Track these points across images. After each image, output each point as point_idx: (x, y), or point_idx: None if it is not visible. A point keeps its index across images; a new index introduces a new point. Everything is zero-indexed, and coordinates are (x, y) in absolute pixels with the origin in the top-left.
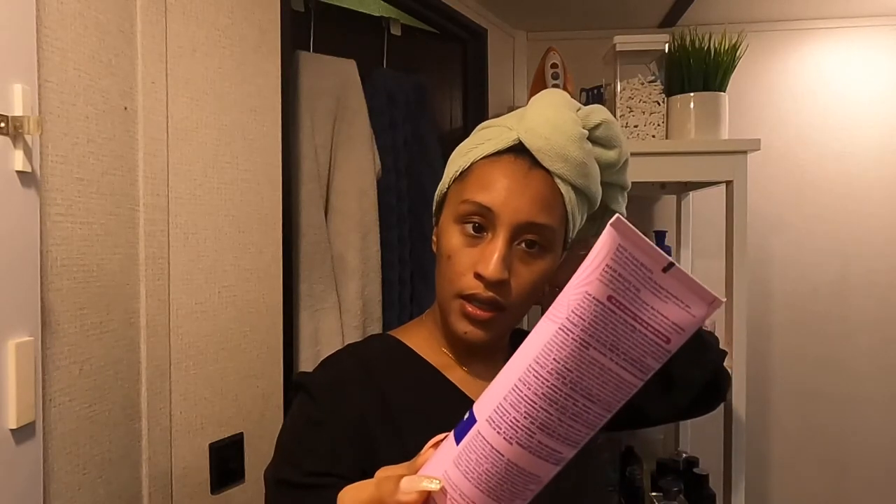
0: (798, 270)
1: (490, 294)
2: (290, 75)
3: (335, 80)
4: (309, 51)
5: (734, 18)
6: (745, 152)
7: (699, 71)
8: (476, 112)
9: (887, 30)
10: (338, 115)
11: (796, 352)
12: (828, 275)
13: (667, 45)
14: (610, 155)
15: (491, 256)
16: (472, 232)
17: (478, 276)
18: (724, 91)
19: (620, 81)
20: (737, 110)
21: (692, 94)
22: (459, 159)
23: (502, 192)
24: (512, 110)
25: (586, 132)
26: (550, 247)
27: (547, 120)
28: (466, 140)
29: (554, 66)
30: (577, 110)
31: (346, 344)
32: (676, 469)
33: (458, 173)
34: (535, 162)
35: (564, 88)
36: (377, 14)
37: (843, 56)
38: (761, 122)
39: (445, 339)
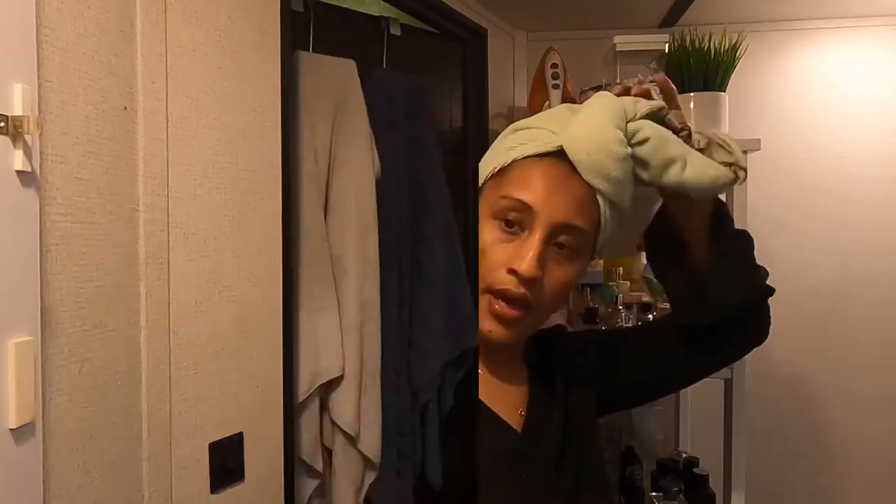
0: (798, 270)
1: (522, 291)
2: (289, 75)
3: (335, 80)
4: (308, 51)
5: (734, 18)
6: (744, 152)
7: (699, 71)
8: (476, 112)
9: (887, 30)
10: (337, 115)
11: (796, 351)
12: (828, 274)
13: (667, 45)
14: (650, 173)
15: (527, 253)
16: (509, 229)
17: (512, 272)
18: (724, 91)
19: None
20: (737, 110)
21: (692, 94)
22: (499, 157)
23: (543, 192)
24: (512, 110)
25: (629, 151)
26: (582, 251)
27: (591, 136)
28: (503, 137)
29: (554, 66)
30: (628, 121)
31: (343, 343)
32: (676, 469)
33: (496, 170)
34: (575, 167)
35: (564, 88)
36: (377, 14)
37: (843, 56)
38: (761, 122)
39: None
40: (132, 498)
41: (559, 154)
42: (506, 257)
